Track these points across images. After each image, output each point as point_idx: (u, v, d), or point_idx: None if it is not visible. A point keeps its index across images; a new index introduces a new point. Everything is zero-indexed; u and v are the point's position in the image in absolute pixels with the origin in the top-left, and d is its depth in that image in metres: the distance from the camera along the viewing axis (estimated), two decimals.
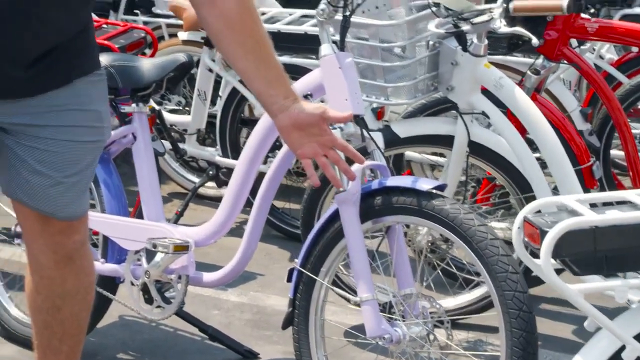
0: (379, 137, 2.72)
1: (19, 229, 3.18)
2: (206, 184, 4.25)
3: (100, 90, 2.30)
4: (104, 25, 4.06)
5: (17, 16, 2.05)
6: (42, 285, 2.39)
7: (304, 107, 2.22)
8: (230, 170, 4.24)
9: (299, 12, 4.11)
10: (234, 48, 2.19)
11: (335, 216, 2.64)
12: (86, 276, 2.42)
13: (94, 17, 4.42)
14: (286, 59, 3.96)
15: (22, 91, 2.16)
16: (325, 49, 2.68)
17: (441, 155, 3.75)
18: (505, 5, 2.97)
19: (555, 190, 3.16)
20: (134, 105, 3.07)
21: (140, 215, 3.16)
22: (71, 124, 2.23)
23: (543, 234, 1.86)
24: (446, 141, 3.14)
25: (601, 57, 4.00)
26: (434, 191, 2.56)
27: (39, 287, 2.39)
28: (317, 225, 2.70)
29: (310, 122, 2.21)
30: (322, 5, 2.69)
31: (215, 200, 4.51)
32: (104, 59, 3.04)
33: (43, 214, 2.29)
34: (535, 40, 2.88)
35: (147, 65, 3.06)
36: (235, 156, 4.22)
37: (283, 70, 2.25)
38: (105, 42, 3.72)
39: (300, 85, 2.76)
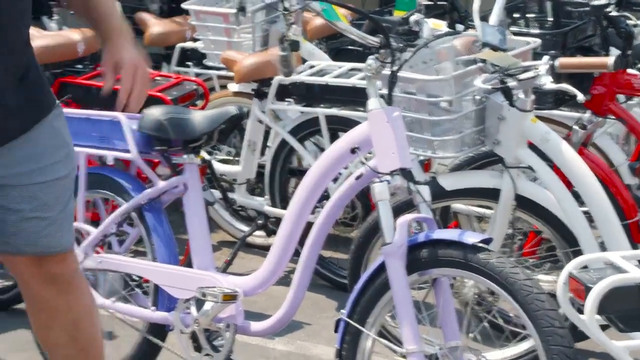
0: (425, 191, 2.75)
1: None
2: (255, 233, 4.32)
3: (63, 122, 2.42)
4: (157, 78, 4.16)
5: None
6: (49, 318, 2.46)
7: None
8: (278, 220, 4.32)
9: (347, 65, 4.18)
10: None
11: (381, 268, 2.67)
12: (89, 297, 2.52)
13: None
14: (334, 111, 4.02)
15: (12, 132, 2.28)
16: (373, 103, 2.73)
17: (488, 207, 3.77)
18: (551, 62, 3.00)
19: (603, 245, 3.16)
20: (185, 156, 3.14)
21: (190, 264, 3.21)
22: (51, 162, 2.35)
23: (588, 290, 1.88)
24: (493, 194, 3.17)
25: None
26: (480, 244, 2.59)
27: (48, 322, 2.47)
28: (364, 277, 2.73)
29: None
30: (370, 61, 2.74)
31: (264, 249, 4.55)
32: (158, 111, 3.12)
33: (40, 255, 2.38)
34: (580, 97, 2.92)
35: (199, 117, 3.13)
36: (284, 206, 4.28)
37: None
38: (159, 94, 3.82)
39: (348, 138, 2.81)
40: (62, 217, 2.39)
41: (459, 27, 4.30)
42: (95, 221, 3.35)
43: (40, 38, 4.21)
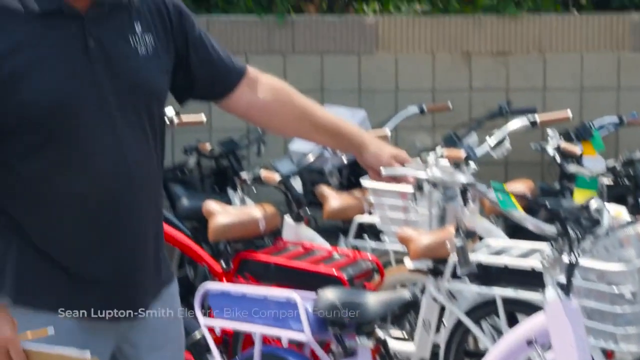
0: None
1: None
2: None
3: (177, 294, 2.44)
4: (334, 254, 4.20)
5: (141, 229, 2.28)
6: None
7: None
8: None
9: (526, 245, 4.09)
10: (311, 108, 2.52)
11: None
12: None
13: (326, 245, 4.61)
14: (512, 292, 3.93)
15: (150, 299, 2.33)
16: (551, 293, 2.66)
17: None
18: None
19: None
20: (358, 339, 3.12)
21: None
22: (164, 341, 2.37)
23: None
24: None
25: None
26: None
27: None
28: None
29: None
30: (547, 250, 2.68)
31: None
32: (333, 294, 3.14)
33: None
34: None
35: (373, 301, 3.12)
36: None
37: None
38: (335, 273, 3.84)
39: (525, 329, 2.74)
40: None
41: None
42: None
43: (223, 214, 4.35)
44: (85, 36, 2.16)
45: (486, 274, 4.03)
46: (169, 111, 5.51)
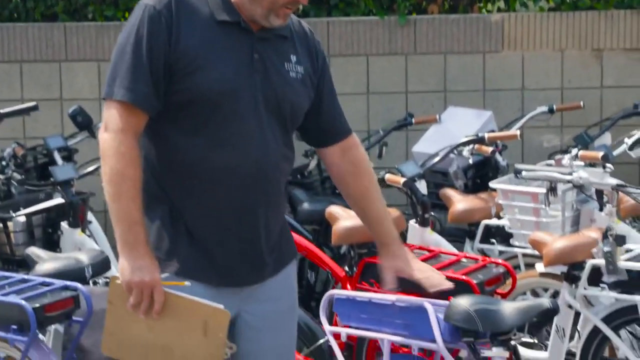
0: None
1: None
2: None
3: (295, 273, 2.86)
4: (463, 259, 4.04)
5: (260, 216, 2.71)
6: None
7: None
8: None
9: None
10: (372, 198, 2.90)
11: None
12: None
13: (453, 249, 4.46)
14: None
15: (269, 273, 2.73)
16: None
17: None
18: None
19: None
20: (494, 349, 2.98)
21: None
22: (281, 309, 2.76)
23: None
24: None
25: None
26: None
27: None
28: None
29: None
30: None
31: None
32: (466, 301, 3.00)
33: None
34: None
35: (509, 309, 2.97)
36: None
37: None
38: (465, 277, 3.69)
39: None
40: None
41: None
42: None
43: (348, 218, 4.25)
44: (253, 49, 2.68)
45: (627, 280, 3.82)
46: None
